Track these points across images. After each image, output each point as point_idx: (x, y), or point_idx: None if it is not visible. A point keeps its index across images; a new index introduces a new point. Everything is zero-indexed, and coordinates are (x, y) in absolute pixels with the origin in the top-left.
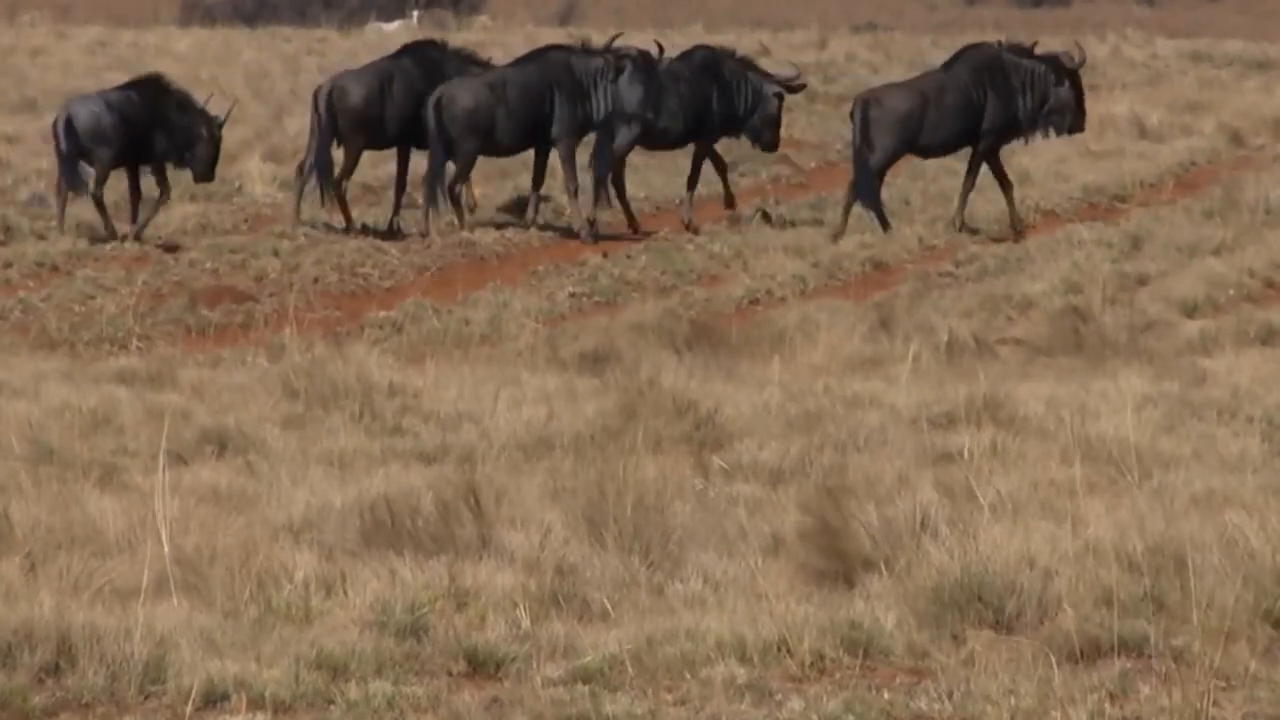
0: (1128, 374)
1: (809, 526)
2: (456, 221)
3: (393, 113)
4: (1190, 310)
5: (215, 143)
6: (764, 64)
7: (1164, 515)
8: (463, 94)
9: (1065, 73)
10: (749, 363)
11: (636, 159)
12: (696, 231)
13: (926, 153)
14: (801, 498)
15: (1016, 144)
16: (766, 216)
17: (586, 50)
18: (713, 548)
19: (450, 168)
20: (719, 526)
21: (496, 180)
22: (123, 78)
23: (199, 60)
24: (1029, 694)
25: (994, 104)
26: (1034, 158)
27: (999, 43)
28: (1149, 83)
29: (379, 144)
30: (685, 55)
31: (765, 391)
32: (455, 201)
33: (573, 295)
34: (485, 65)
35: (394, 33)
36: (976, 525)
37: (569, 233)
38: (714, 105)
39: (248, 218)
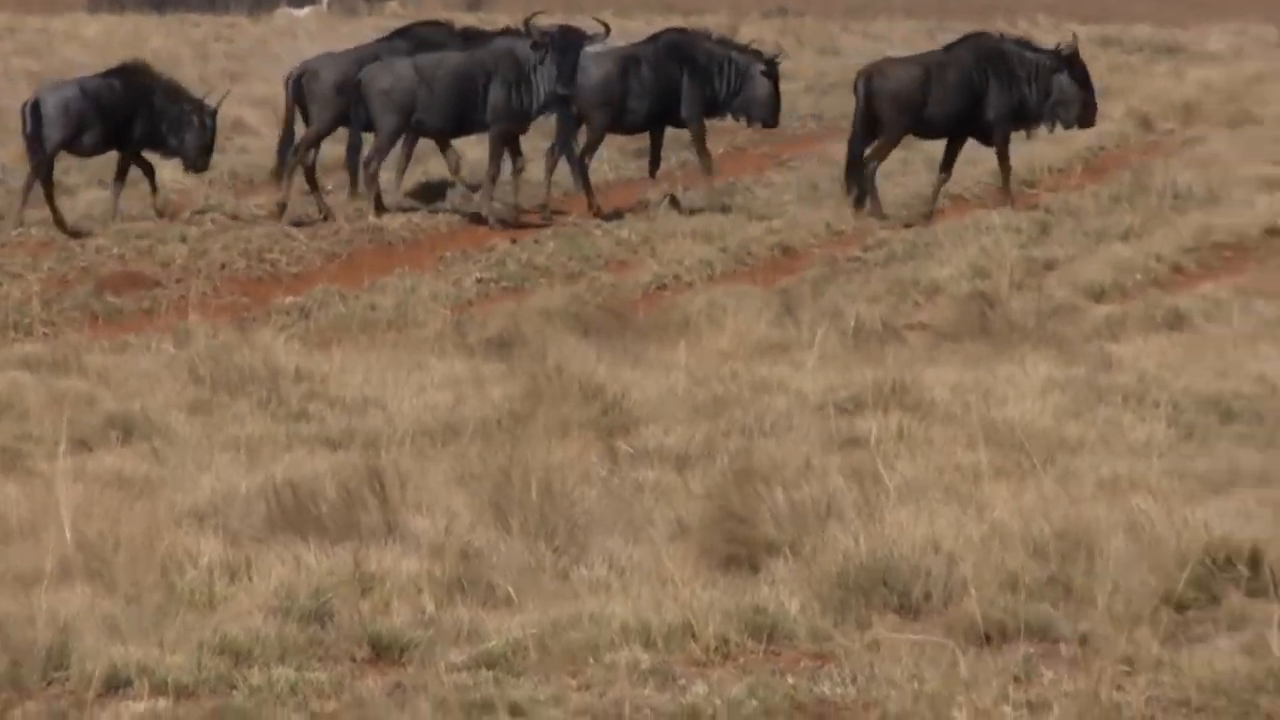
0: (1034, 359)
1: (714, 511)
2: (369, 205)
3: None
4: (1098, 295)
5: (208, 131)
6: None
7: (1070, 500)
8: (382, 75)
9: (1068, 63)
10: (656, 348)
11: (539, 145)
12: (605, 217)
13: (927, 129)
14: (707, 483)
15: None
16: (675, 202)
17: (529, 32)
18: (618, 533)
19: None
20: (625, 511)
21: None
22: (32, 64)
23: (107, 47)
24: (933, 679)
25: (997, 92)
26: (942, 143)
27: (1000, 34)
28: None
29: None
30: (652, 39)
31: (672, 377)
32: (370, 182)
33: (480, 281)
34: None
35: (304, 18)
36: (882, 510)
37: (478, 219)
38: (685, 89)
39: (156, 204)
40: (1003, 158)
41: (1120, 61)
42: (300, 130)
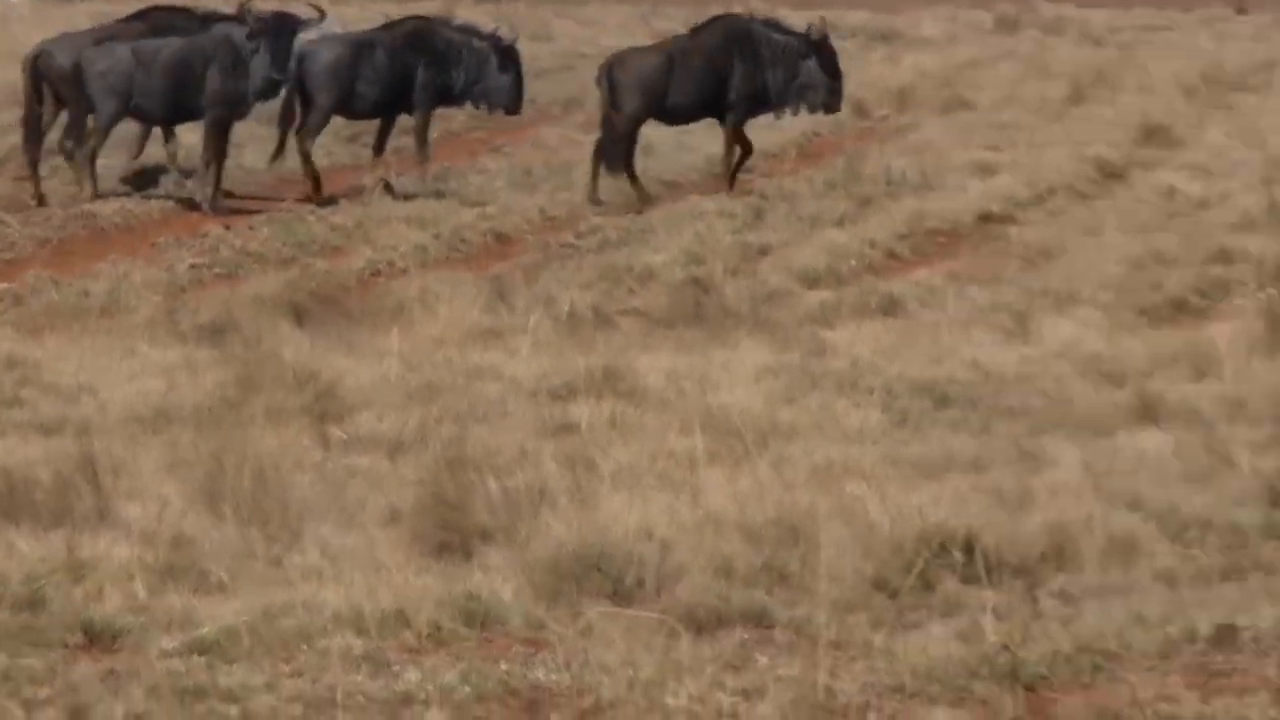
0: (749, 345)
1: (427, 498)
2: (85, 190)
3: None
4: (812, 281)
5: None
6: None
7: (784, 486)
8: (100, 58)
9: (816, 47)
10: (369, 334)
11: (255, 130)
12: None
13: (671, 117)
14: (420, 469)
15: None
16: (389, 188)
17: (244, 18)
18: (331, 519)
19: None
20: (338, 498)
21: (119, 151)
22: None
23: None
24: (647, 665)
25: (740, 75)
26: (656, 128)
27: (750, 14)
28: None
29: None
30: (389, 25)
31: (385, 363)
32: (86, 166)
33: (194, 267)
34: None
35: (16, 3)
36: (596, 496)
37: (191, 204)
38: (420, 77)
39: None
40: (730, 143)
41: (836, 47)
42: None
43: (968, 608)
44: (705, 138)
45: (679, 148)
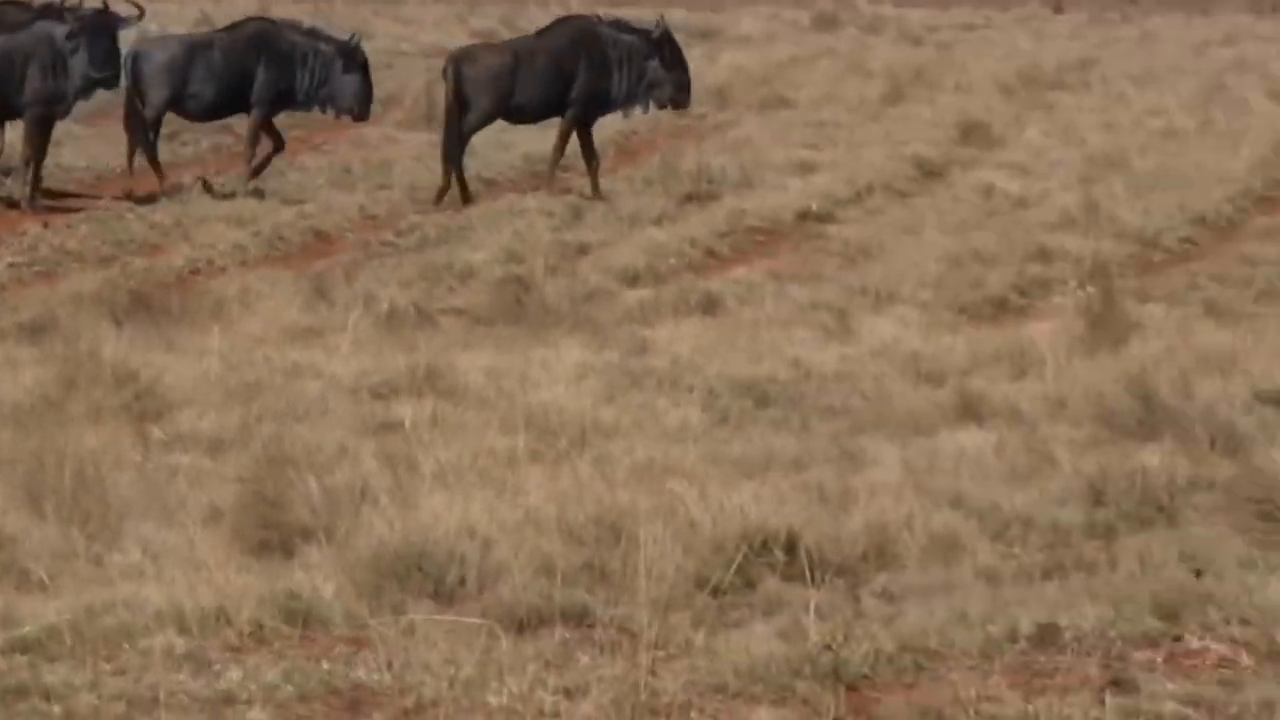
0: (569, 343)
1: (248, 496)
2: None
3: None
4: (631, 280)
5: None
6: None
7: (605, 485)
8: None
9: (659, 46)
10: (189, 333)
11: (72, 128)
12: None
13: (518, 116)
14: (241, 468)
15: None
16: (208, 186)
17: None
18: (152, 518)
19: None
20: (158, 497)
21: None
22: None
23: None
24: (469, 664)
25: (585, 75)
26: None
27: (596, 16)
28: None
29: None
30: (232, 26)
31: (205, 362)
32: None
33: (12, 266)
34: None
35: None
36: (417, 495)
37: (10, 203)
38: (259, 79)
39: None
40: (561, 139)
41: (680, 44)
42: None
43: (790, 607)
44: (521, 135)
45: (498, 146)
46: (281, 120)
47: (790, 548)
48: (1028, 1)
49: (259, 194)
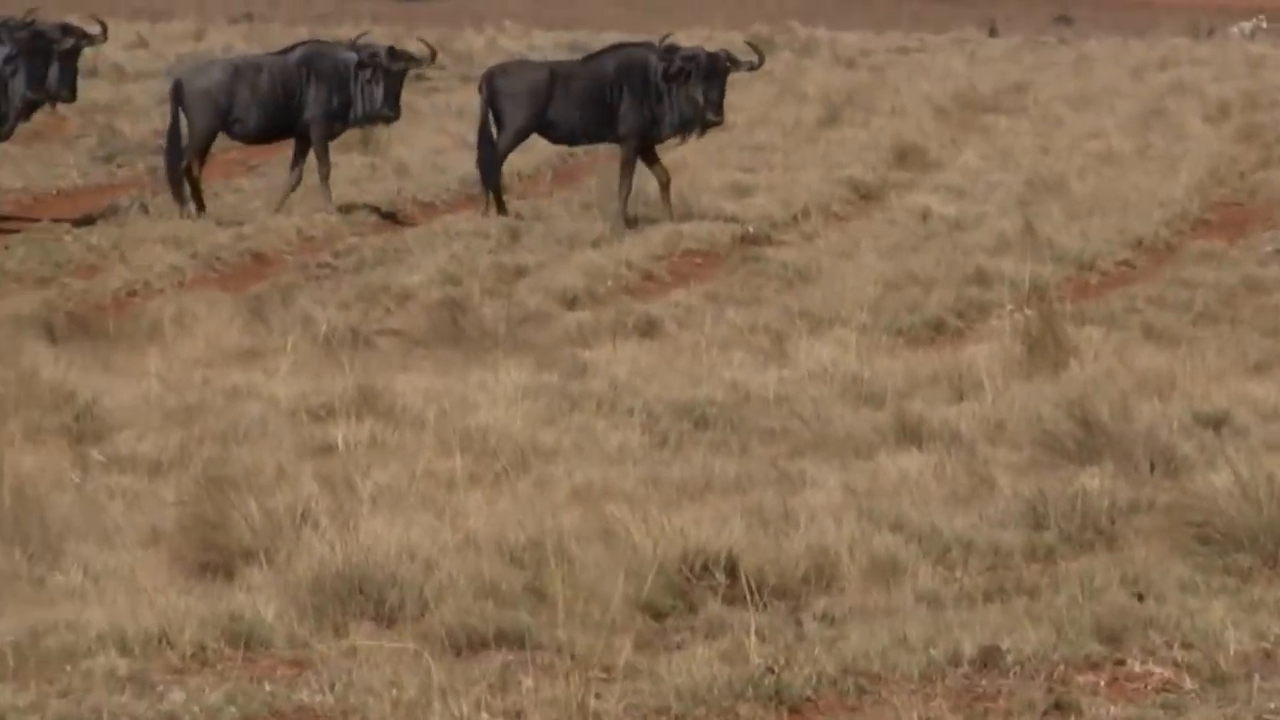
0: (507, 366)
1: (188, 518)
2: None
3: None
4: (570, 302)
5: None
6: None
7: (545, 507)
8: None
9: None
10: (127, 354)
11: (9, 149)
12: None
13: (552, 134)
14: (181, 490)
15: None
16: (144, 207)
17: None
18: (93, 540)
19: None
20: (98, 519)
21: None
22: None
23: None
24: (410, 686)
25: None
26: (410, 149)
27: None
28: None
29: None
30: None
31: (144, 383)
32: None
33: None
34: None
35: None
36: (357, 517)
37: None
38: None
39: None
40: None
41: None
42: None
43: (731, 629)
44: (457, 158)
45: (432, 168)
46: (217, 143)
47: (731, 570)
48: (963, 25)
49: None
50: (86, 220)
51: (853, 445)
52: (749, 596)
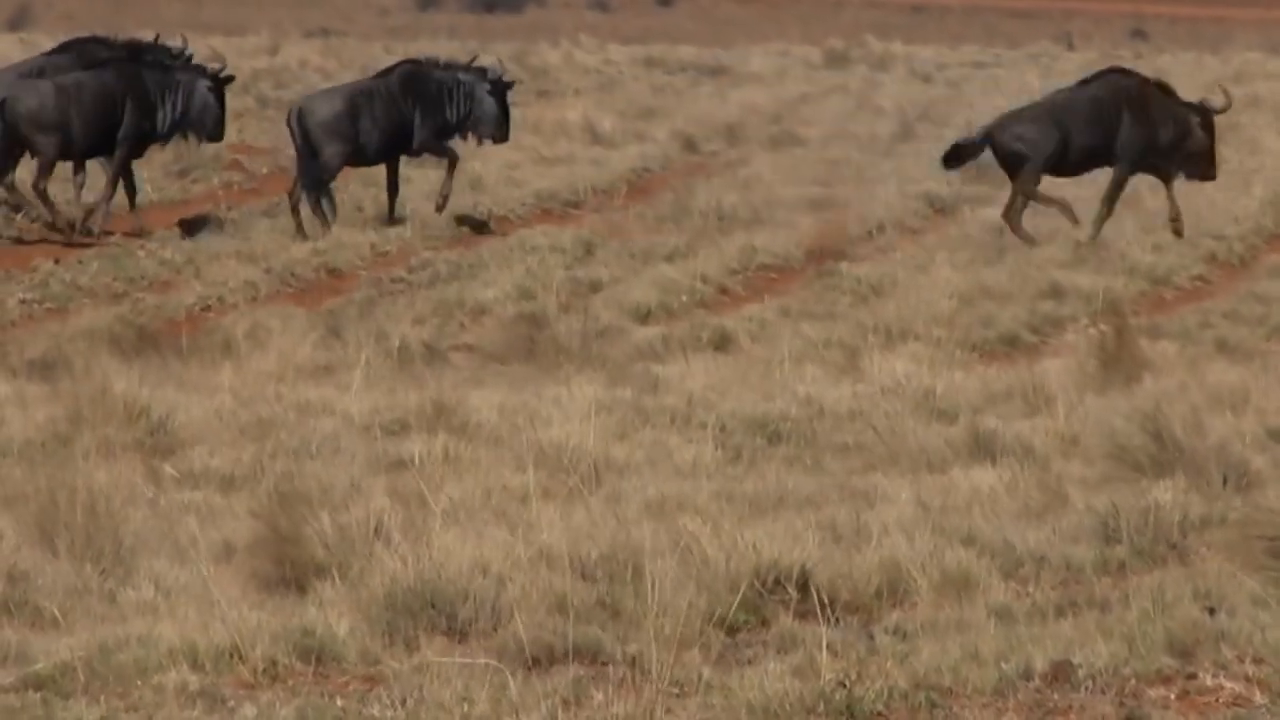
0: (581, 381)
1: (261, 533)
2: None
3: None
4: (644, 316)
5: None
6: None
7: (618, 522)
8: None
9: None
10: (200, 370)
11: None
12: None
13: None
14: (254, 505)
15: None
16: (219, 222)
17: None
18: (165, 555)
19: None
20: (171, 534)
21: None
22: None
23: None
24: (482, 701)
25: (422, 116)
26: (485, 163)
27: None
28: (602, 88)
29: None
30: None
31: (217, 399)
32: None
33: (24, 302)
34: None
35: None
36: (429, 532)
37: (20, 240)
38: (420, 118)
39: None
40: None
41: (664, 82)
42: None
43: (803, 644)
44: (532, 172)
45: (508, 182)
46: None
47: (803, 585)
48: (1038, 39)
49: (272, 231)
50: (160, 234)
51: (925, 460)
52: (821, 611)
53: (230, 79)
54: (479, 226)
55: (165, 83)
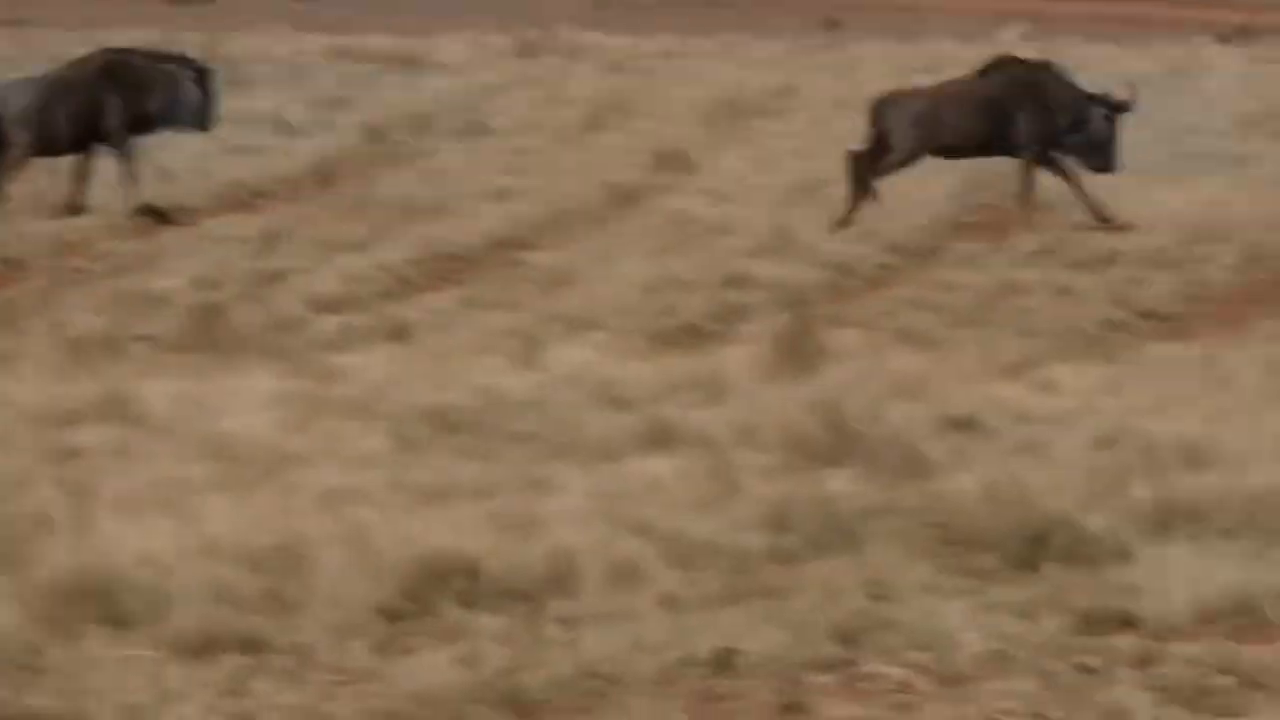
0: (260, 371)
1: None
2: None
3: None
4: (325, 307)
5: None
6: None
7: (289, 513)
8: None
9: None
10: None
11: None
12: None
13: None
14: None
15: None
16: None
17: None
18: None
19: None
20: None
21: None
22: None
23: None
24: (140, 690)
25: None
26: (174, 153)
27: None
28: (293, 78)
29: None
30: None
31: None
32: None
33: None
34: None
35: None
36: (96, 522)
37: None
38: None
39: None
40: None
41: (353, 72)
42: None
43: (469, 633)
44: (221, 162)
45: (197, 172)
46: None
47: (472, 574)
48: (726, 30)
49: None
50: None
51: (602, 450)
52: (488, 600)
53: None
54: (164, 216)
55: None
